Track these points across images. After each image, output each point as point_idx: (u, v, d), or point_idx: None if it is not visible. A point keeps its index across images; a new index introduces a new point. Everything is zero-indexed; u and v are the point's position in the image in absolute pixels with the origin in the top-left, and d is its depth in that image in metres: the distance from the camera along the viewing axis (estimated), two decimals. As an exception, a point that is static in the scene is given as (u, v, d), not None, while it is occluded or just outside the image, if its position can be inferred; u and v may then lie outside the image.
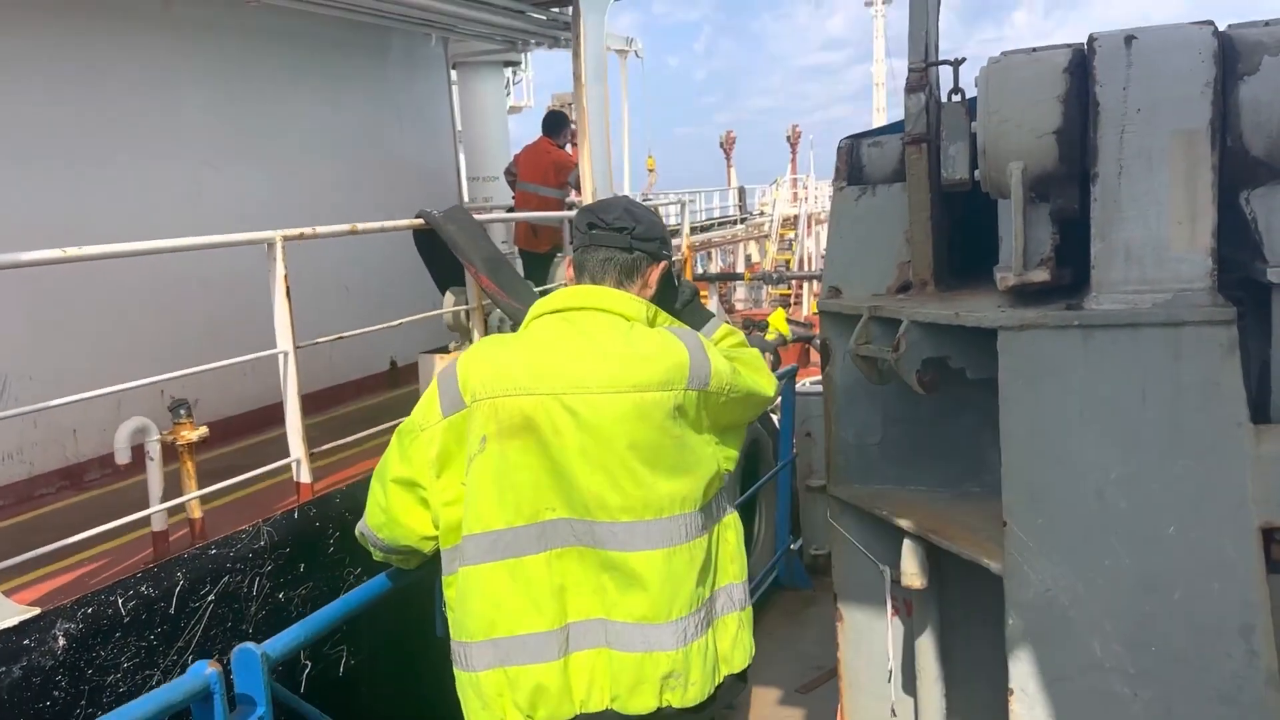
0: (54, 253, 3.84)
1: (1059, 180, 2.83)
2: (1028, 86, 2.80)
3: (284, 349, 4.82)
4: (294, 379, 4.86)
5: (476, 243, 6.38)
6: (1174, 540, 2.72)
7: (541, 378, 2.30)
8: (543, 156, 9.81)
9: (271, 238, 4.75)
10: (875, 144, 3.84)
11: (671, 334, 2.44)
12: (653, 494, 2.27)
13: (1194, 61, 2.62)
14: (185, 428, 4.49)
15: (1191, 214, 2.65)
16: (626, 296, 2.47)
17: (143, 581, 3.87)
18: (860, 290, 3.71)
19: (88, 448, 6.34)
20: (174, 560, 4.08)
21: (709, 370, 2.38)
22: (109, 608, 3.72)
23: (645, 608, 2.25)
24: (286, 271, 4.79)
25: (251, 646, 2.51)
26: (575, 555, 2.28)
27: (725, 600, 2.42)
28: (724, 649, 2.39)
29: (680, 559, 2.28)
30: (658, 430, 2.28)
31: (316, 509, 4.72)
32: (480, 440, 2.31)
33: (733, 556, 2.45)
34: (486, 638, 2.29)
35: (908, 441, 3.71)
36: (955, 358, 3.19)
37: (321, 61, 8.99)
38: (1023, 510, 2.84)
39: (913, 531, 3.34)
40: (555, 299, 2.48)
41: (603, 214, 2.50)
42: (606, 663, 2.26)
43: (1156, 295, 2.69)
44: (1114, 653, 2.79)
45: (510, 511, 2.29)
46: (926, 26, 3.42)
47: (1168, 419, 2.69)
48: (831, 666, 4.81)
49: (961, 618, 3.52)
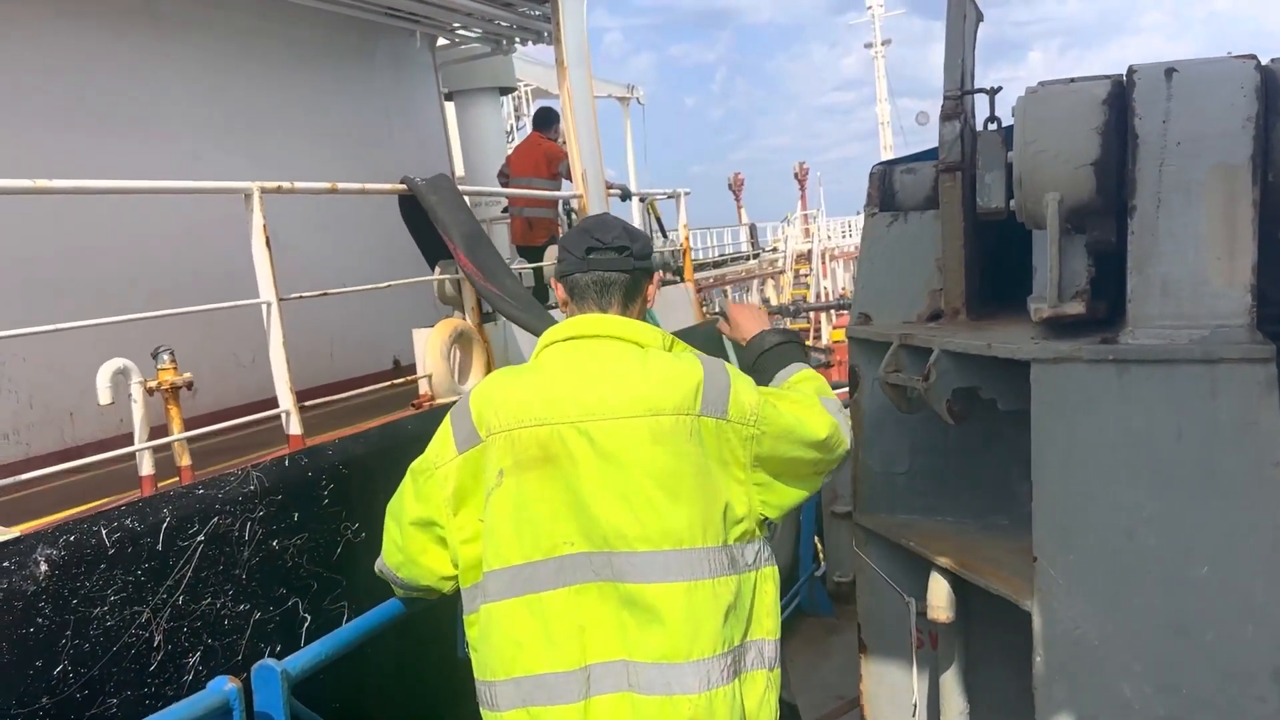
0: (23, 182, 3.88)
1: (1096, 212, 2.79)
2: (1065, 117, 2.77)
3: (267, 299, 4.89)
4: (278, 330, 4.90)
5: (457, 216, 6.24)
6: (1206, 581, 2.66)
7: (557, 407, 2.24)
8: (533, 149, 9.76)
9: (249, 188, 4.84)
10: (908, 171, 3.82)
11: (691, 358, 2.37)
12: (671, 523, 2.18)
13: (1235, 96, 2.59)
14: (169, 372, 4.42)
15: (1231, 249, 2.61)
16: (641, 325, 2.43)
17: (127, 514, 3.83)
18: (890, 317, 3.69)
19: (85, 431, 6.31)
20: (159, 496, 4.05)
21: (727, 398, 2.27)
22: (92, 537, 3.67)
23: (665, 645, 2.15)
24: (265, 222, 4.86)
25: (271, 663, 2.51)
26: (595, 591, 2.19)
27: (756, 656, 2.29)
28: (750, 707, 2.24)
29: (702, 594, 2.18)
30: (675, 456, 2.20)
31: (308, 459, 4.70)
32: (498, 474, 2.25)
33: (769, 611, 2.32)
34: (509, 676, 2.23)
35: (935, 471, 3.68)
36: (986, 388, 3.15)
37: (308, 62, 9.09)
38: (1053, 546, 2.80)
39: (940, 564, 3.29)
40: (566, 327, 2.40)
41: (600, 234, 2.41)
42: (630, 708, 2.15)
43: (1193, 331, 2.65)
44: (1144, 695, 2.73)
45: (528, 546, 2.22)
46: (963, 55, 3.40)
47: (1203, 458, 2.64)
48: (853, 697, 4.76)
49: (987, 653, 3.46)
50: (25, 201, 5.94)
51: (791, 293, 32.66)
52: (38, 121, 6.54)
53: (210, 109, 7.95)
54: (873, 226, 3.82)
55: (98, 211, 6.43)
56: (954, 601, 3.30)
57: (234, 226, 6.08)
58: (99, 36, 7.11)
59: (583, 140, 8.84)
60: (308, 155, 8.78)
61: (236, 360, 4.72)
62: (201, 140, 7.77)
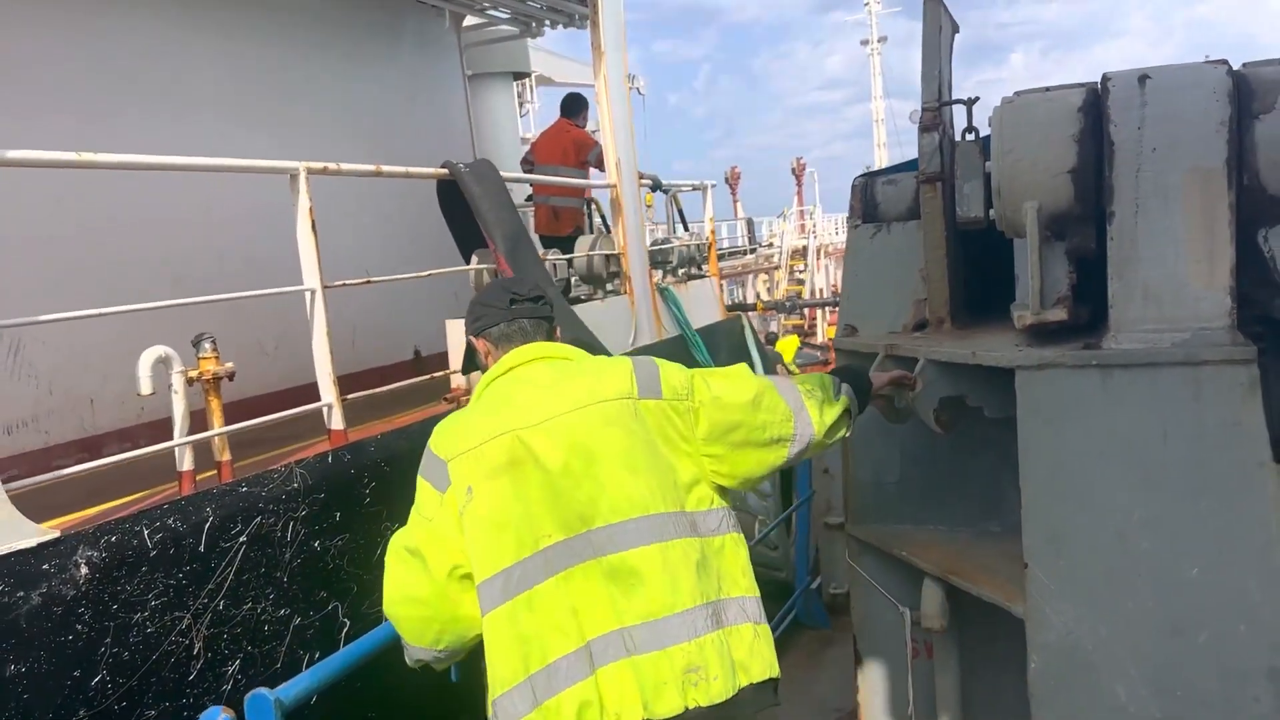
0: (67, 155, 3.66)
1: (1075, 219, 2.82)
2: (1042, 125, 2.80)
3: (311, 286, 4.57)
4: (322, 318, 4.59)
5: (500, 213, 6.00)
6: (1198, 582, 2.68)
7: (510, 419, 2.44)
8: (561, 135, 9.25)
9: (295, 168, 4.56)
10: (889, 182, 3.84)
11: (617, 356, 2.70)
12: (634, 491, 2.38)
13: (1209, 100, 2.62)
14: (210, 361, 4.12)
15: (1209, 252, 2.64)
16: (565, 345, 2.70)
17: (170, 514, 3.63)
18: (876, 328, 3.71)
19: (105, 419, 6.09)
20: (202, 494, 3.85)
21: (659, 380, 2.54)
22: (134, 538, 3.46)
23: (650, 603, 2.32)
24: (311, 204, 4.53)
25: (265, 692, 2.50)
26: (580, 574, 2.34)
27: (738, 611, 2.44)
28: (740, 656, 2.38)
29: (675, 553, 2.37)
30: (627, 434, 2.43)
31: (351, 455, 4.52)
32: (467, 491, 2.39)
33: (743, 570, 2.50)
34: (522, 678, 2.31)
35: (925, 480, 3.69)
36: (972, 396, 3.17)
37: (335, 39, 8.82)
38: (1043, 552, 2.81)
39: (933, 573, 3.31)
40: (500, 364, 2.61)
41: (517, 289, 2.68)
42: (632, 671, 2.28)
43: (1175, 334, 2.67)
44: (1139, 697, 2.74)
45: (513, 547, 2.35)
46: (940, 67, 3.44)
47: (1190, 459, 2.66)
48: (850, 710, 4.75)
49: (982, 660, 3.47)
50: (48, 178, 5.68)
51: (786, 288, 32.60)
52: (59, 94, 6.28)
53: (235, 83, 7.68)
54: (856, 238, 3.84)
55: (121, 191, 6.17)
56: (947, 610, 3.31)
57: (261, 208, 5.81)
58: (122, 7, 6.82)
59: (618, 128, 8.50)
60: (331, 134, 8.49)
61: (260, 348, 4.46)
62: (224, 116, 7.49)
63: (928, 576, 3.34)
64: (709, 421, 2.54)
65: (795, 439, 2.67)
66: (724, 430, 2.55)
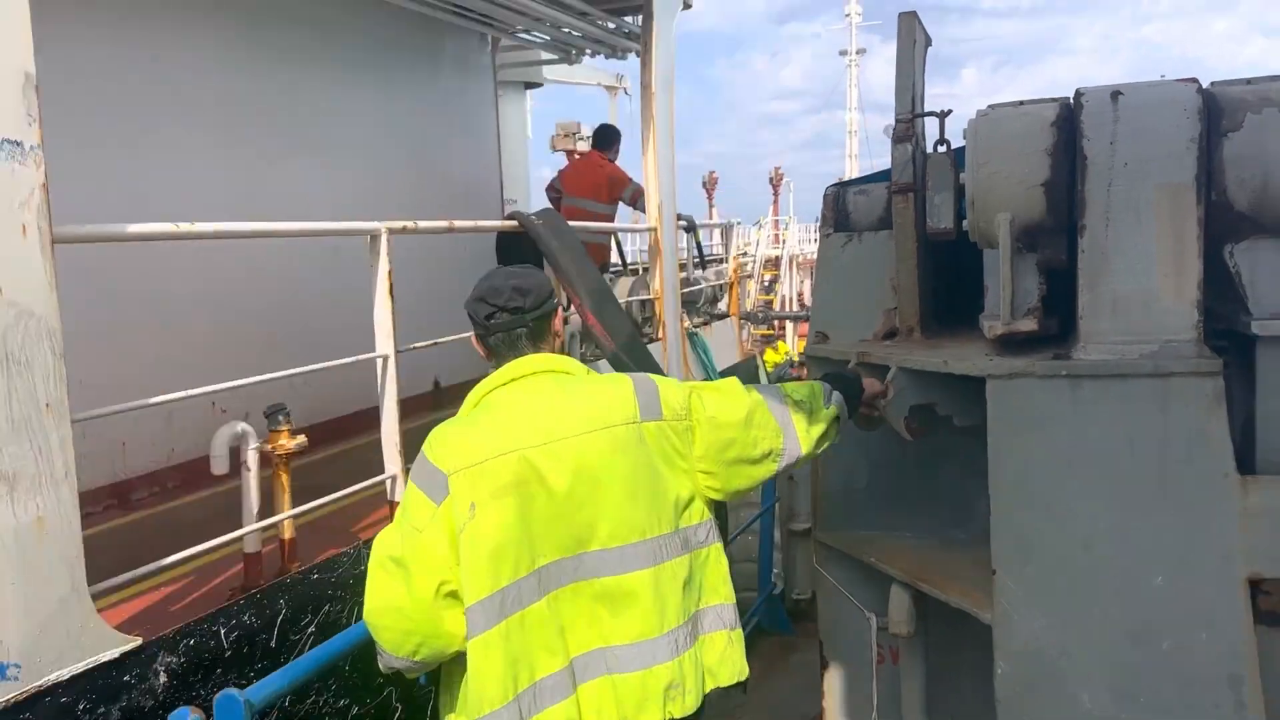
0: (166, 226, 3.60)
1: (1047, 231, 2.87)
2: (1016, 139, 2.85)
3: (384, 352, 4.41)
4: (393, 385, 4.42)
5: (582, 267, 5.79)
6: (1162, 591, 2.73)
7: (518, 436, 2.41)
8: (595, 170, 9.02)
9: (376, 229, 4.42)
10: (861, 192, 3.88)
11: (616, 375, 2.68)
12: (634, 518, 2.42)
13: (1179, 118, 2.67)
14: (284, 435, 3.98)
15: (1178, 266, 2.69)
16: (563, 358, 2.67)
17: (245, 609, 3.52)
18: (847, 336, 3.73)
19: (137, 462, 5.87)
20: (277, 585, 3.73)
21: (658, 401, 2.55)
22: (211, 639, 3.35)
23: (640, 625, 2.38)
24: (391, 267, 4.39)
25: (234, 693, 2.46)
26: (569, 593, 2.37)
27: (714, 618, 2.54)
28: (710, 662, 2.50)
29: (665, 575, 2.43)
30: (630, 460, 2.45)
31: None
32: (469, 508, 2.35)
33: (723, 579, 2.58)
34: (510, 698, 2.29)
35: (893, 487, 3.72)
36: (942, 405, 3.21)
37: (378, 58, 8.68)
38: (1011, 559, 2.85)
39: (901, 578, 3.33)
40: (502, 374, 2.58)
41: (493, 299, 2.60)
42: (611, 689, 2.35)
43: (1144, 346, 2.72)
44: (1102, 703, 2.78)
45: (510, 567, 2.33)
46: (914, 79, 3.47)
47: (1155, 469, 2.71)
48: (815, 714, 4.78)
49: (948, 666, 3.51)
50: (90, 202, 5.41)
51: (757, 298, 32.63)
52: (108, 109, 6.11)
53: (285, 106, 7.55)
54: (828, 247, 3.87)
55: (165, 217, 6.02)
56: (914, 615, 3.34)
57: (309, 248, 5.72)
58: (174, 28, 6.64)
59: (663, 172, 8.34)
60: (375, 159, 8.42)
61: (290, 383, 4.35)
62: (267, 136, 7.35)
63: (895, 582, 3.37)
64: (704, 441, 2.58)
65: (784, 454, 2.72)
66: (719, 448, 2.59)
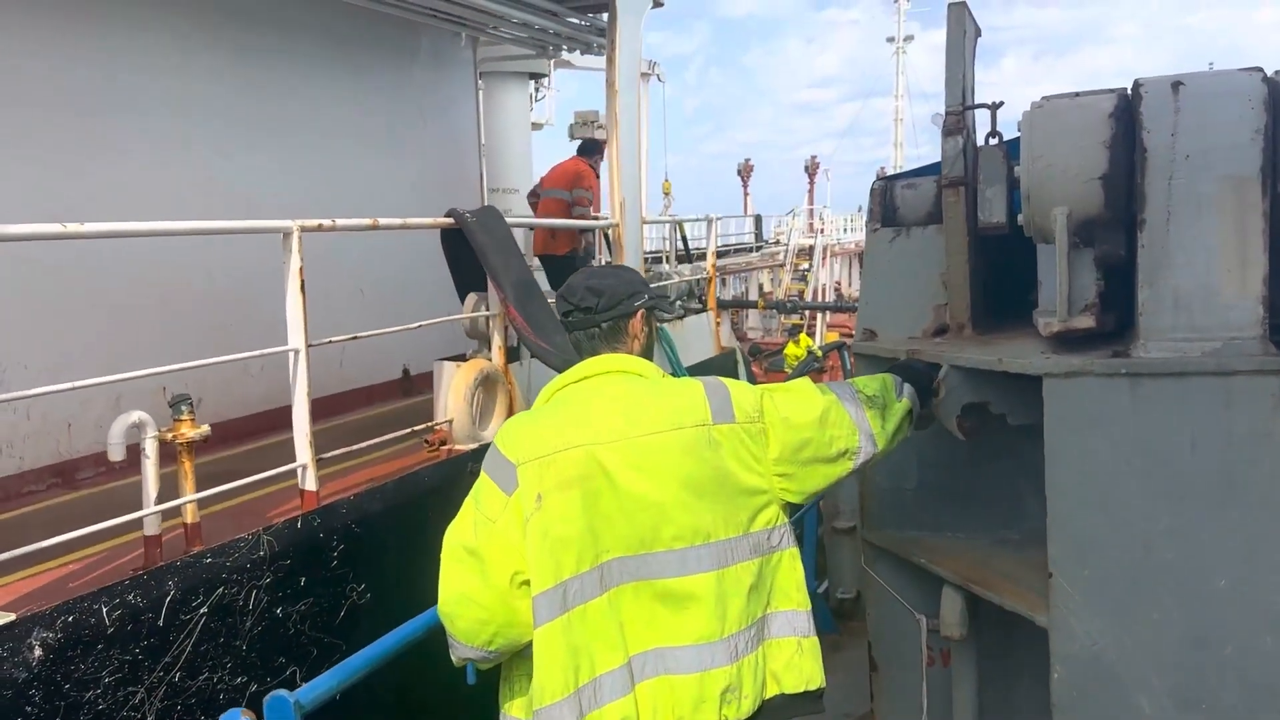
0: (53, 227, 3.58)
1: (1104, 225, 2.79)
2: (1073, 131, 2.78)
3: (295, 346, 4.54)
4: (304, 379, 4.58)
5: (509, 261, 5.99)
6: (1225, 594, 2.66)
7: (586, 432, 2.43)
8: (569, 165, 10.22)
9: (288, 227, 4.51)
10: (909, 186, 3.82)
11: (688, 379, 2.65)
12: (700, 521, 2.40)
13: (1243, 108, 2.60)
14: (186, 425, 4.15)
15: (1242, 261, 2.61)
16: (638, 359, 2.67)
17: (131, 589, 3.61)
18: (895, 333, 3.68)
19: (82, 443, 6.01)
20: (166, 568, 3.82)
21: (731, 404, 2.53)
22: (92, 616, 3.45)
23: (700, 628, 2.37)
24: (302, 264, 4.53)
25: (284, 694, 2.47)
26: (630, 591, 2.38)
27: (784, 624, 2.51)
28: (775, 667, 2.48)
29: (729, 579, 2.41)
30: (699, 462, 2.43)
31: (321, 519, 4.48)
32: (536, 499, 2.38)
33: (797, 585, 2.54)
34: (571, 690, 2.32)
35: (943, 486, 3.66)
36: (996, 403, 3.14)
37: (346, 56, 8.70)
38: (1069, 561, 2.79)
39: (952, 580, 3.27)
40: (574, 371, 2.63)
41: (570, 298, 2.68)
42: (668, 690, 2.36)
43: (1206, 343, 2.65)
44: (1163, 709, 2.72)
45: (573, 560, 2.36)
46: (964, 70, 3.41)
47: (1218, 470, 2.64)
48: (861, 715, 4.73)
49: (1000, 669, 3.45)
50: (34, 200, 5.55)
51: (789, 287, 32.42)
52: (64, 110, 6.16)
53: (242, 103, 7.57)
54: (875, 242, 3.81)
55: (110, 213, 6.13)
56: (966, 618, 3.28)
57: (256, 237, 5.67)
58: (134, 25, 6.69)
59: (625, 167, 8.44)
60: (338, 154, 8.44)
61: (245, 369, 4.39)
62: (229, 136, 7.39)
63: (947, 584, 3.31)
64: (780, 442, 2.55)
65: (860, 451, 2.67)
66: (794, 449, 2.56)
